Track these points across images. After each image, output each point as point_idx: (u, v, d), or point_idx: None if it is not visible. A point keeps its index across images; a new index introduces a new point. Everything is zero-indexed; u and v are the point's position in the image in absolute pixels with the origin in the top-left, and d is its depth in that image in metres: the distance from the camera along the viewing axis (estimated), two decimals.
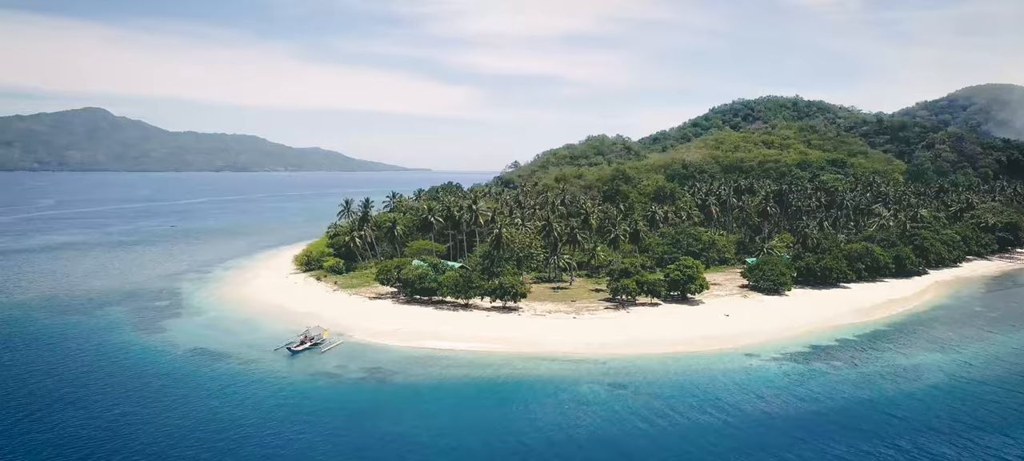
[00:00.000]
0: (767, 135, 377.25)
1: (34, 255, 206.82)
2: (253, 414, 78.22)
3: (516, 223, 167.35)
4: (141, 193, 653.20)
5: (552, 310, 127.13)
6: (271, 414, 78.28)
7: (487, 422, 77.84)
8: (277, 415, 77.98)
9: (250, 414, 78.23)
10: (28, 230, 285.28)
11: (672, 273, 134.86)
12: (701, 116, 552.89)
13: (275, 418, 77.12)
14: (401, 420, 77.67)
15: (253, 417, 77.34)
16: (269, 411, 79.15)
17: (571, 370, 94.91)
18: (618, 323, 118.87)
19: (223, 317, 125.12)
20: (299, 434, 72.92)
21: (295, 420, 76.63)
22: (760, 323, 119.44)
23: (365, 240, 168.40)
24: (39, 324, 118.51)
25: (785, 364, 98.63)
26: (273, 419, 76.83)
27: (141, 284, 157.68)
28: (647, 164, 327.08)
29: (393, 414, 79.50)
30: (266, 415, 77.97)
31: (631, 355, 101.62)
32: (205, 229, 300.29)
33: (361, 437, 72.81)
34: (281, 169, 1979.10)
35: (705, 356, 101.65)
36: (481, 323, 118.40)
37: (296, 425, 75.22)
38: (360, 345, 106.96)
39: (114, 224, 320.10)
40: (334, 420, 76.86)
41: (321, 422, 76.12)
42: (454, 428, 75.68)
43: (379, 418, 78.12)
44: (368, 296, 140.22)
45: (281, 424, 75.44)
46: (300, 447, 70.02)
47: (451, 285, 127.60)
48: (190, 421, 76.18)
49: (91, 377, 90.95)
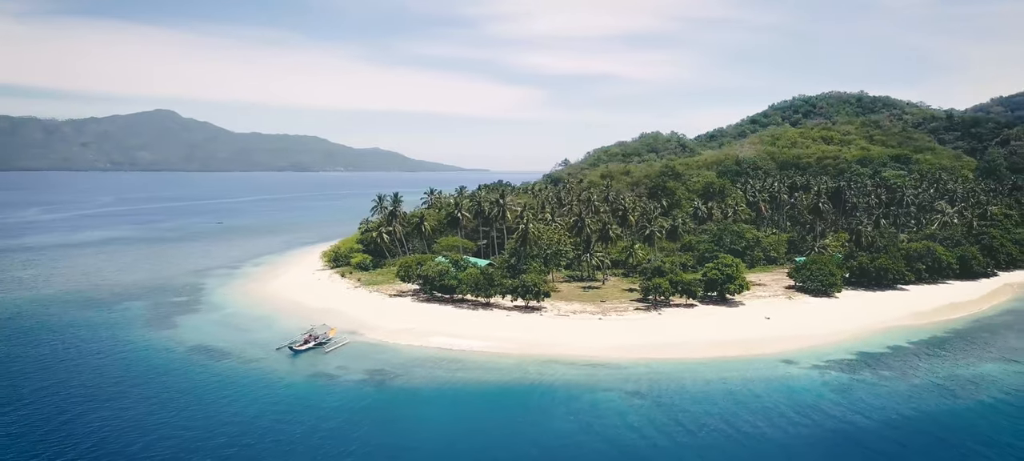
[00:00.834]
0: (826, 130, 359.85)
1: (76, 249, 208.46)
2: (232, 419, 72.93)
3: (545, 219, 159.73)
4: (198, 191, 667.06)
5: (577, 310, 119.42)
6: (253, 419, 72.88)
7: (483, 431, 71.12)
8: (260, 421, 72.50)
9: (230, 419, 72.97)
10: (81, 226, 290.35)
11: (709, 272, 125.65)
12: (759, 113, 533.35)
13: (256, 424, 71.66)
14: (391, 427, 71.58)
15: (232, 422, 72.08)
16: (252, 416, 73.79)
17: (587, 376, 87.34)
18: (647, 325, 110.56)
19: (238, 314, 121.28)
20: (278, 443, 67.20)
21: (278, 426, 71.06)
22: (803, 327, 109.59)
23: (394, 236, 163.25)
24: (54, 317, 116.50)
25: (827, 373, 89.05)
26: (254, 424, 71.41)
27: (169, 279, 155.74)
28: (698, 160, 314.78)
29: (384, 421, 73.38)
30: (247, 420, 72.61)
31: (655, 360, 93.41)
32: (250, 226, 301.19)
33: (344, 444, 66.81)
34: (341, 169, 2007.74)
35: (737, 362, 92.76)
36: (499, 323, 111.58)
37: (278, 432, 69.62)
38: (368, 344, 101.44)
39: (164, 220, 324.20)
40: (321, 426, 71.02)
41: (306, 429, 70.37)
42: (446, 437, 69.19)
43: (369, 425, 72.00)
44: (389, 293, 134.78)
45: (261, 430, 69.91)
46: (275, 456, 64.32)
47: (471, 283, 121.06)
48: (164, 423, 71.55)
49: (82, 372, 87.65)
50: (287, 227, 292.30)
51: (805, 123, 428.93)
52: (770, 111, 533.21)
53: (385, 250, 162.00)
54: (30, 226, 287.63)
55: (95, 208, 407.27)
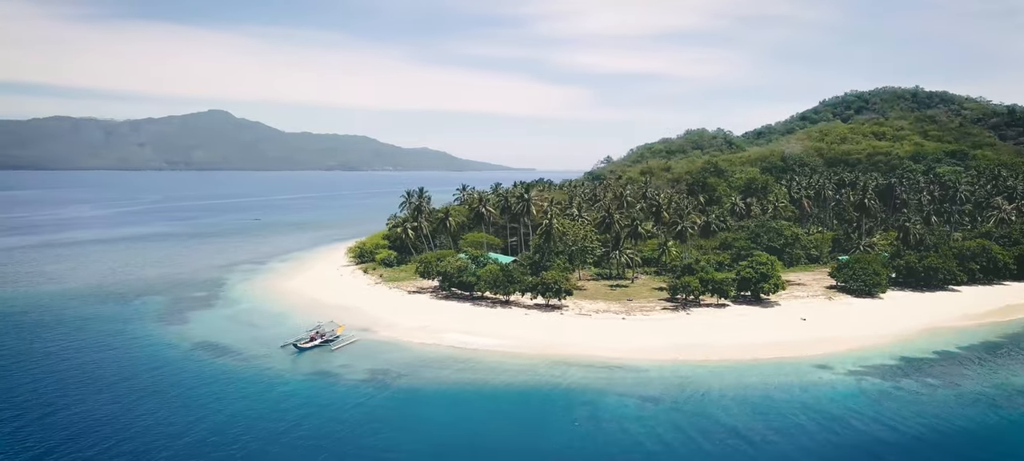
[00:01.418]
0: (878, 125, 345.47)
1: (110, 244, 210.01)
2: (212, 415, 69.47)
3: (572, 215, 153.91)
4: (244, 189, 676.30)
5: (600, 310, 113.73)
6: (233, 417, 69.29)
7: (479, 436, 66.37)
8: (240, 418, 68.85)
9: (208, 415, 69.50)
10: (122, 222, 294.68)
11: (743, 270, 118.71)
12: (809, 109, 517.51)
13: (236, 421, 67.96)
14: (380, 429, 67.17)
15: (211, 418, 68.63)
16: (232, 414, 70.20)
17: (601, 379, 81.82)
18: (673, 326, 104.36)
19: (252, 310, 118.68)
20: (255, 440, 63.36)
21: (258, 424, 67.36)
22: (842, 329, 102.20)
23: (419, 232, 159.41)
24: (68, 311, 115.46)
25: (865, 379, 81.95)
26: (234, 422, 67.74)
27: (193, 274, 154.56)
28: (742, 157, 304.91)
29: (378, 423, 68.89)
30: (227, 417, 69.06)
31: (678, 362, 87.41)
32: (286, 222, 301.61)
33: (325, 445, 62.77)
34: (389, 168, 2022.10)
35: (765, 366, 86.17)
36: (516, 322, 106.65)
37: (258, 430, 65.89)
38: (378, 342, 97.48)
39: (203, 217, 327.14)
40: (310, 428, 66.98)
41: (294, 431, 66.35)
42: (438, 442, 64.59)
43: (361, 427, 67.69)
44: (408, 290, 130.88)
45: (240, 428, 66.17)
46: (246, 454, 60.50)
47: (490, 280, 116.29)
48: (140, 418, 68.56)
49: (78, 366, 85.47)
50: (322, 224, 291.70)
51: (856, 119, 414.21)
52: (821, 107, 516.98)
53: (410, 246, 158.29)
54: (73, 222, 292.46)
55: (140, 205, 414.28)
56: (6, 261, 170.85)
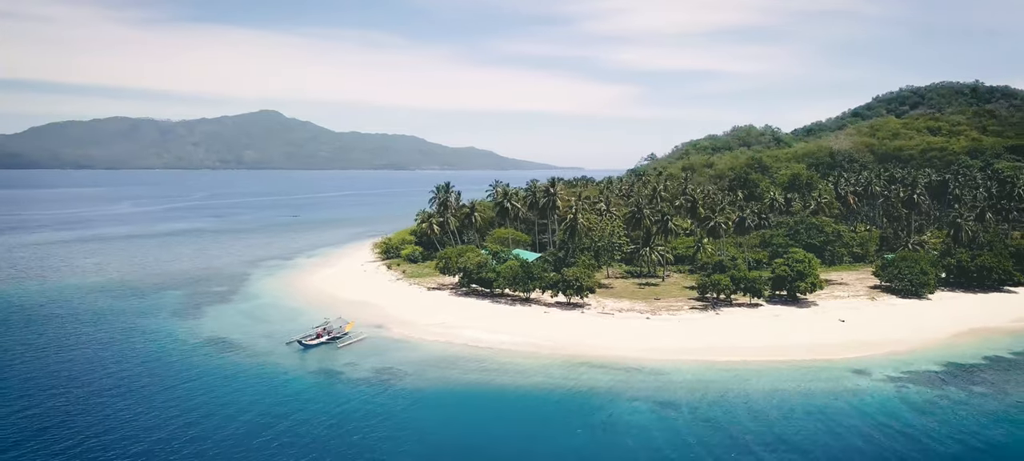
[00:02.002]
0: (933, 120, 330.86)
1: (144, 240, 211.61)
2: (199, 416, 66.16)
3: (599, 209, 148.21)
4: (289, 187, 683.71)
5: (625, 308, 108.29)
6: (223, 417, 65.96)
7: (477, 441, 61.95)
8: (232, 419, 65.45)
9: (197, 416, 66.22)
10: (162, 218, 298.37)
11: (778, 268, 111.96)
12: (862, 105, 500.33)
13: (227, 424, 64.52)
14: (378, 431, 63.00)
15: (204, 420, 65.24)
16: (224, 413, 66.91)
17: (617, 381, 76.63)
18: (700, 326, 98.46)
19: (267, 305, 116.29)
20: (244, 443, 59.82)
21: (250, 425, 63.85)
22: (884, 331, 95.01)
23: (445, 228, 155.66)
24: (85, 304, 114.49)
25: (906, 386, 75.17)
26: (225, 424, 64.30)
27: (219, 269, 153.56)
28: (788, 153, 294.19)
29: (372, 424, 64.88)
30: (215, 418, 65.70)
31: (700, 365, 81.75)
32: (324, 219, 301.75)
33: (319, 446, 59.20)
34: (436, 167, 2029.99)
35: (796, 370, 79.95)
36: (534, 320, 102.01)
37: (247, 431, 62.44)
38: (388, 340, 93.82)
39: (243, 213, 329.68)
40: (298, 428, 63.32)
41: (281, 430, 62.75)
42: (433, 445, 60.42)
43: (353, 428, 63.83)
44: (428, 287, 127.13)
45: (229, 430, 62.73)
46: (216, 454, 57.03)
47: (509, 277, 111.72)
48: (117, 413, 66.10)
49: (76, 359, 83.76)
50: (359, 220, 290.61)
51: (910, 114, 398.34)
52: (874, 103, 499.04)
53: (436, 242, 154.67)
54: (114, 218, 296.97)
55: (184, 202, 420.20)
56: (42, 255, 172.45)
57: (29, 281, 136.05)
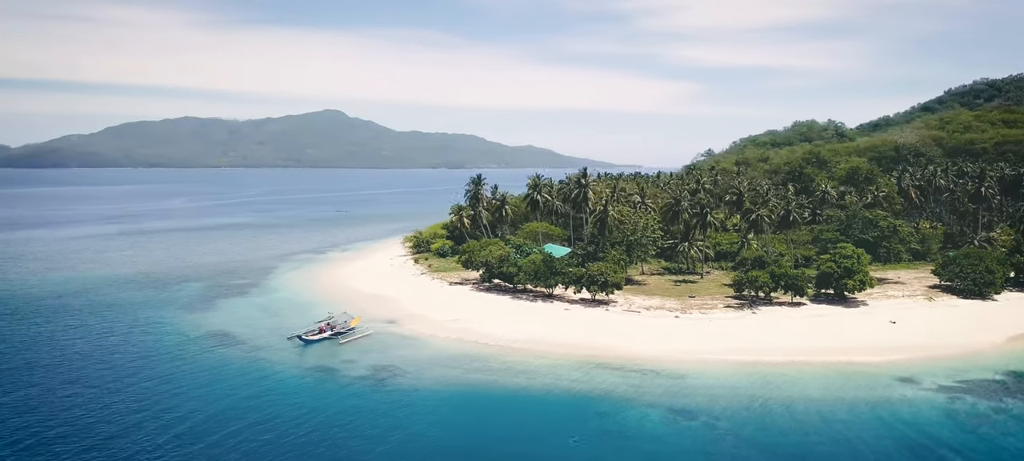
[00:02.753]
0: (1008, 113, 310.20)
1: (186, 233, 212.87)
2: (175, 412, 61.90)
3: (633, 202, 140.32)
4: (344, 184, 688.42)
5: (654, 306, 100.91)
6: (204, 414, 61.69)
7: (465, 448, 55.87)
8: (214, 416, 61.13)
9: (174, 411, 61.99)
10: (210, 213, 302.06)
11: (823, 265, 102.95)
12: (933, 99, 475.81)
13: (206, 421, 60.23)
14: (361, 433, 57.76)
15: (174, 414, 60.99)
16: (205, 410, 62.65)
17: (631, 385, 69.77)
18: (733, 326, 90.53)
19: (283, 299, 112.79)
20: (219, 442, 55.28)
21: (230, 423, 59.46)
22: (938, 335, 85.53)
23: (477, 221, 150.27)
24: (104, 296, 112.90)
25: (957, 398, 66.28)
26: (204, 421, 60.06)
27: (246, 262, 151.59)
28: (849, 146, 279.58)
29: (355, 425, 59.68)
30: (196, 415, 61.41)
31: (725, 367, 74.33)
32: (368, 214, 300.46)
33: (296, 447, 54.66)
34: (494, 166, 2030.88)
35: (832, 374, 71.85)
36: (553, 317, 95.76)
37: (227, 429, 58.12)
38: (395, 336, 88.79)
39: (290, 209, 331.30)
40: (268, 426, 58.54)
41: (261, 429, 58.07)
42: (416, 449, 54.67)
43: (336, 429, 58.80)
44: (451, 281, 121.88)
45: (207, 427, 58.39)
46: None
47: (531, 271, 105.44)
48: (92, 408, 61.98)
49: (74, 350, 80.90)
50: (403, 216, 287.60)
51: (984, 107, 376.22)
52: (946, 97, 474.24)
53: (466, 236, 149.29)
54: (164, 213, 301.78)
55: (238, 198, 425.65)
56: (80, 248, 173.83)
57: (57, 272, 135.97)
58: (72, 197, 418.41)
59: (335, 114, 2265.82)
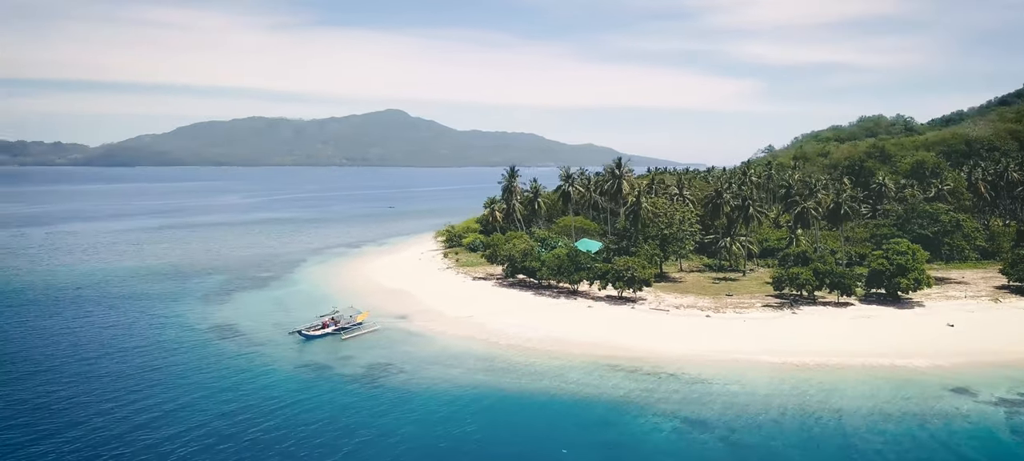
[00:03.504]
0: None
1: (232, 227, 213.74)
2: (151, 408, 58.08)
3: (671, 194, 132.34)
4: (400, 181, 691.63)
5: (685, 304, 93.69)
6: (181, 410, 58.00)
7: (447, 452, 50.52)
8: (189, 414, 57.32)
9: (150, 408, 58.24)
10: (260, 208, 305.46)
11: (874, 262, 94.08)
12: (1011, 92, 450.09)
13: (181, 418, 56.45)
14: (346, 433, 52.78)
15: (132, 410, 57.15)
16: (182, 407, 58.98)
17: (644, 390, 63.29)
18: (768, 327, 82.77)
19: (301, 292, 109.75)
20: (193, 441, 51.25)
21: (207, 421, 55.78)
22: (1003, 340, 76.17)
23: (510, 215, 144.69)
24: (119, 287, 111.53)
25: (1018, 411, 57.76)
26: (180, 418, 56.33)
27: (278, 255, 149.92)
28: (916, 140, 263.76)
29: (321, 426, 54.90)
30: (172, 412, 57.72)
31: (751, 370, 67.24)
32: (415, 210, 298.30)
33: (272, 448, 50.72)
34: (553, 164, 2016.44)
35: (873, 382, 64.04)
36: (574, 315, 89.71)
37: (203, 427, 54.52)
38: (401, 333, 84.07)
39: (341, 204, 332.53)
40: (258, 425, 54.54)
41: (215, 428, 53.80)
42: (399, 454, 49.65)
43: (317, 429, 54.32)
44: (475, 276, 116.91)
45: (181, 425, 54.57)
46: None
47: (554, 266, 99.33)
48: (85, 402, 58.84)
49: (68, 342, 78.75)
50: (448, 211, 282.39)
51: None
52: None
53: (499, 230, 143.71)
54: (215, 208, 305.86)
55: (291, 194, 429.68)
56: (118, 240, 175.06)
57: (86, 264, 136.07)
58: (132, 193, 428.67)
59: (397, 114, 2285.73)
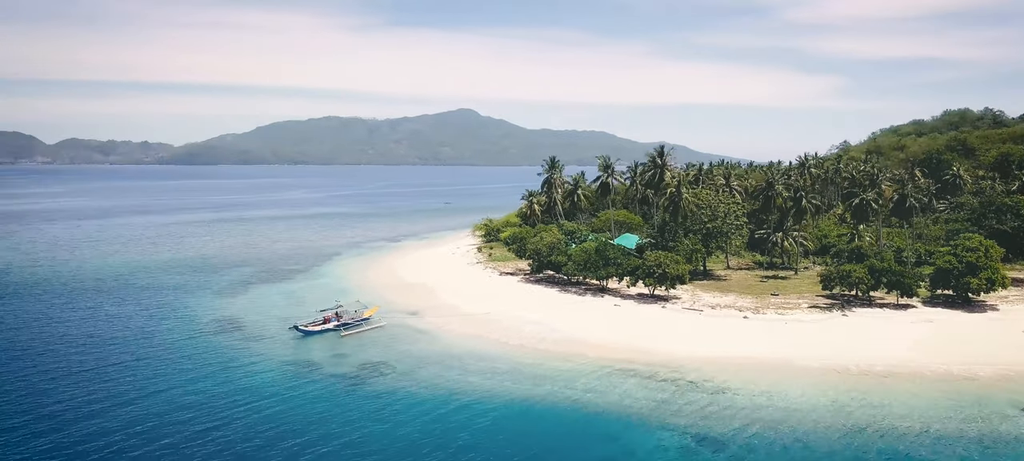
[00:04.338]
0: None
1: (283, 221, 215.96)
2: (96, 403, 53.81)
3: (717, 185, 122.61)
4: (464, 179, 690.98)
5: (722, 304, 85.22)
6: (155, 408, 53.60)
7: None
8: (162, 411, 52.90)
9: (101, 402, 53.99)
10: (323, 203, 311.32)
11: (940, 260, 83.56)
12: None
13: (152, 415, 52.04)
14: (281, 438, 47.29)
15: (97, 407, 52.94)
16: (156, 404, 54.50)
17: (658, 401, 55.65)
18: (811, 329, 73.83)
19: (322, 286, 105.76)
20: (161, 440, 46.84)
21: (181, 420, 51.41)
22: None
23: (551, 208, 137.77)
24: (141, 279, 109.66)
25: None
26: (152, 415, 51.99)
27: (311, 249, 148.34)
28: (1002, 133, 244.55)
29: (288, 428, 49.58)
30: (146, 410, 53.33)
31: (785, 379, 58.94)
32: (468, 206, 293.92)
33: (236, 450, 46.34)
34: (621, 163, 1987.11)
35: (924, 396, 54.98)
36: (597, 314, 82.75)
37: (175, 426, 50.28)
38: (408, 330, 78.54)
39: (399, 201, 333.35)
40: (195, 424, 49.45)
41: (172, 427, 49.17)
42: None
43: (280, 429, 49.58)
44: (503, 271, 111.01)
45: (150, 422, 50.34)
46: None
47: (581, 261, 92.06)
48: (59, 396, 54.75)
49: (60, 333, 76.09)
50: (503, 208, 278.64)
51: None
52: None
53: (538, 223, 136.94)
54: (275, 203, 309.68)
55: (353, 191, 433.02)
56: (160, 233, 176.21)
57: (119, 255, 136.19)
58: (198, 189, 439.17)
59: (468, 113, 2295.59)
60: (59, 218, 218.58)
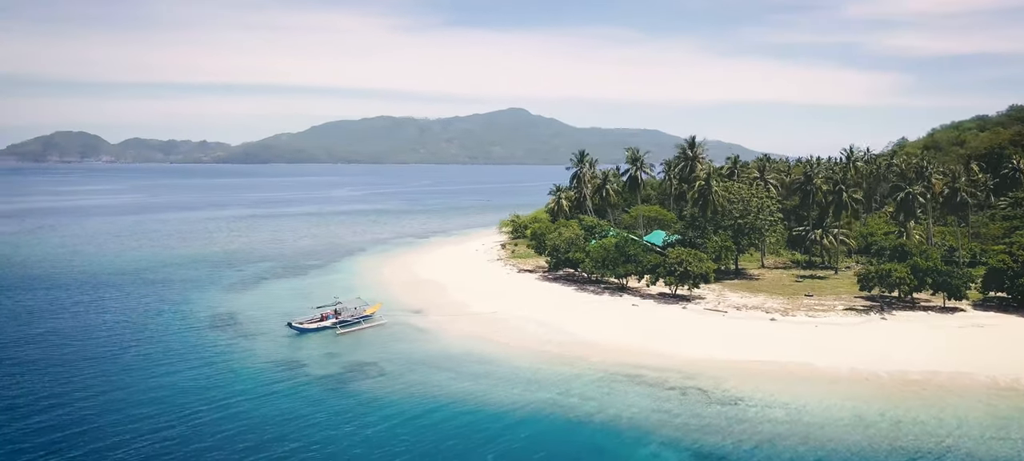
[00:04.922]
0: None
1: (318, 217, 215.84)
2: (61, 399, 50.75)
3: (750, 177, 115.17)
4: (506, 177, 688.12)
5: (749, 305, 78.97)
6: (131, 404, 50.50)
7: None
8: (137, 409, 49.76)
9: (67, 399, 50.92)
10: (364, 200, 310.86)
11: (992, 259, 75.95)
12: None
13: (123, 413, 48.89)
14: (280, 443, 43.54)
15: (63, 402, 49.89)
16: (132, 401, 51.44)
17: (661, 412, 50.23)
18: (844, 333, 67.42)
19: (334, 282, 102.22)
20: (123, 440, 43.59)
21: (158, 420, 48.12)
22: None
23: (580, 203, 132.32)
24: (156, 273, 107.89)
25: None
26: (121, 413, 48.81)
27: (335, 245, 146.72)
28: None
29: (248, 429, 45.83)
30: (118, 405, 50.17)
31: (805, 389, 53.07)
32: (506, 204, 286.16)
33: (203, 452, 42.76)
34: None
35: (968, 407, 48.50)
36: (612, 314, 77.43)
37: (148, 426, 47.13)
38: (408, 328, 74.57)
39: (439, 198, 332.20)
40: (198, 428, 45.99)
41: (141, 427, 45.70)
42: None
43: (253, 434, 45.62)
44: (521, 268, 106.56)
45: (115, 419, 47.12)
46: None
47: (598, 258, 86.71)
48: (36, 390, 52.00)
49: (54, 327, 73.47)
50: (538, 205, 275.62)
51: None
52: None
53: (566, 219, 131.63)
54: (313, 200, 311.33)
55: (396, 188, 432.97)
56: (190, 228, 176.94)
57: (139, 249, 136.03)
58: (243, 186, 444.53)
59: (519, 112, 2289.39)
60: (98, 214, 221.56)
